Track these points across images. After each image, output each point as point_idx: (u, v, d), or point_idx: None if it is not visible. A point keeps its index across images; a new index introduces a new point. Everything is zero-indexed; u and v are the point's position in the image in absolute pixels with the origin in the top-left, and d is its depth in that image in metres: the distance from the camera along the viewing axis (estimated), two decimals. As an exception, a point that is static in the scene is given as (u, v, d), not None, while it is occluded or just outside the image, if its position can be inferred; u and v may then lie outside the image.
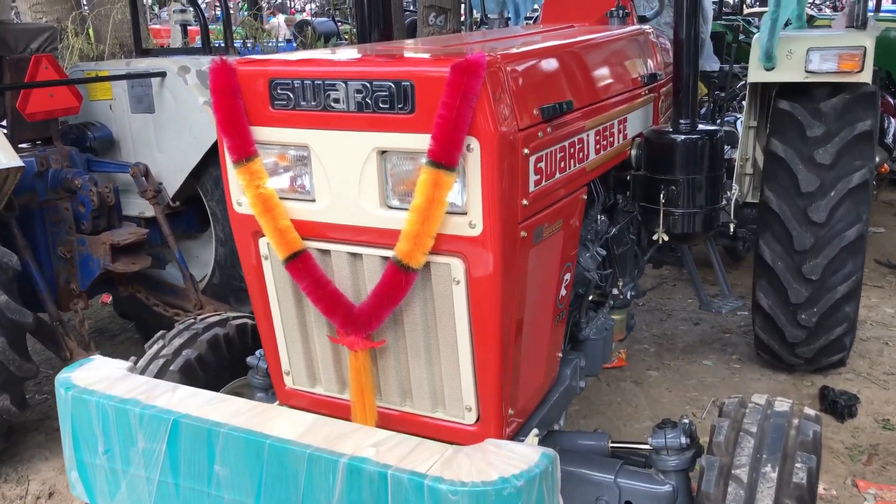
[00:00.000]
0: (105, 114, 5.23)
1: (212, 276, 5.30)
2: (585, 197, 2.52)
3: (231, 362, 3.08)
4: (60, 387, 2.02)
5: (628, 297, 3.47)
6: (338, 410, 2.43)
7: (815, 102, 4.36)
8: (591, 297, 3.06)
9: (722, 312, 4.24)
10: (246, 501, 1.79)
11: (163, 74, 4.87)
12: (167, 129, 4.98)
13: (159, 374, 2.80)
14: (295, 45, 7.87)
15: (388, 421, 2.31)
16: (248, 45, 7.20)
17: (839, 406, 4.52)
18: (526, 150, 2.04)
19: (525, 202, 2.07)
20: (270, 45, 7.39)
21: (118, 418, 1.92)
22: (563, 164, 2.30)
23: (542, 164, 2.15)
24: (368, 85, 1.98)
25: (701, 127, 2.89)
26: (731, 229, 3.19)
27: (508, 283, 2.06)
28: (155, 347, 2.98)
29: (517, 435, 2.35)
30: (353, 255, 2.19)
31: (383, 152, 2.04)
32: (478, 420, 2.22)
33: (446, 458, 1.65)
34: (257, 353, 3.00)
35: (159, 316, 5.04)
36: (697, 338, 5.66)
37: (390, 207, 2.09)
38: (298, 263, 2.18)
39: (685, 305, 6.26)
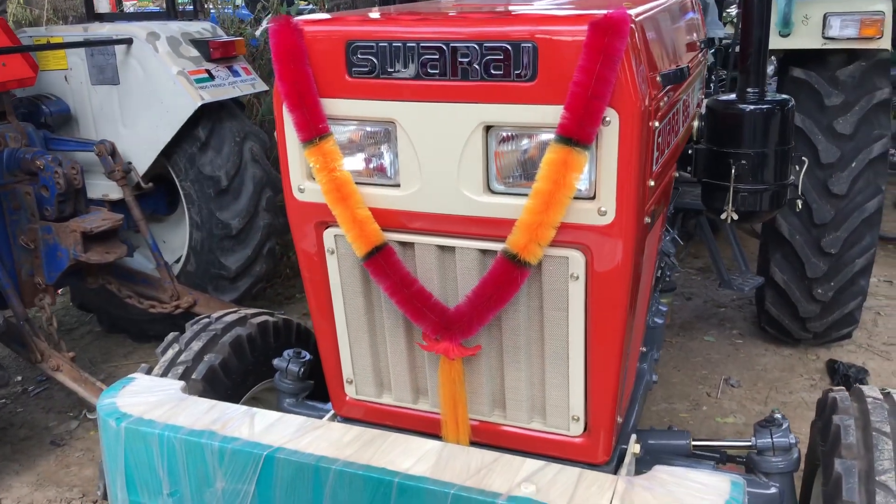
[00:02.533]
0: (59, 86, 4.69)
1: (186, 263, 4.87)
2: (678, 174, 2.27)
3: (255, 365, 2.74)
4: (108, 417, 1.65)
5: (669, 277, 3.26)
6: (409, 422, 2.14)
7: (831, 70, 4.21)
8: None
9: (745, 290, 4.09)
10: (365, 550, 1.48)
11: (129, 41, 4.37)
12: (134, 103, 4.50)
13: (181, 385, 2.44)
14: (252, 12, 7.33)
15: (477, 434, 2.03)
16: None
17: (851, 380, 4.46)
18: (656, 123, 1.76)
19: (651, 183, 1.80)
20: (227, 11, 6.85)
21: (190, 454, 1.58)
22: (669, 139, 2.04)
23: (660, 139, 1.89)
24: (477, 48, 1.67)
25: (770, 96, 2.67)
26: (799, 206, 3.00)
27: (634, 277, 1.79)
28: (170, 353, 2.61)
29: (618, 443, 2.11)
30: (443, 248, 1.89)
31: (489, 128, 1.74)
32: (585, 430, 1.96)
33: (621, 493, 1.39)
34: (285, 354, 2.67)
35: (130, 307, 4.60)
36: (693, 313, 5.55)
37: (494, 193, 1.80)
38: (380, 260, 1.86)
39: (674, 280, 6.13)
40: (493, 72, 1.67)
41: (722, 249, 4.39)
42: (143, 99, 4.45)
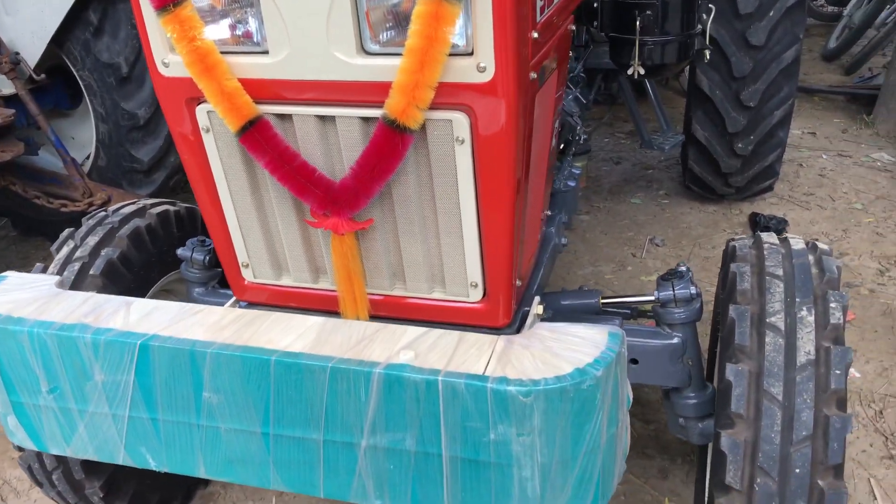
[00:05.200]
0: (-74, -28, 4.27)
1: (96, 159, 4.64)
2: (574, 28, 2.17)
3: (158, 257, 2.65)
4: (-26, 319, 1.57)
5: (582, 140, 3.21)
6: (312, 301, 2.10)
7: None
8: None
9: (665, 150, 4.08)
10: (251, 429, 1.47)
11: (-5, -85, 3.96)
12: (13, -14, 4.13)
13: (77, 281, 2.35)
14: None
15: (378, 308, 2.00)
16: None
17: (772, 231, 4.56)
18: (535, -31, 1.65)
19: (535, 34, 1.70)
20: None
21: (64, 349, 1.51)
22: (558, -12, 1.93)
23: (545, -12, 1.78)
24: None
25: (674, -60, 2.55)
26: (707, 56, 2.93)
27: (521, 137, 1.73)
28: (65, 250, 2.49)
29: (521, 306, 2.11)
30: (323, 118, 1.79)
31: (357, -19, 1.60)
32: (484, 296, 1.95)
33: (500, 352, 1.38)
34: (189, 243, 2.59)
35: (41, 208, 4.41)
36: (621, 177, 5.57)
37: (370, 54, 1.68)
38: (255, 134, 1.76)
39: (602, 145, 6.12)
40: (353, -83, 1.53)
41: (647, 111, 4.35)
42: (21, -19, 4.08)
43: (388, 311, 2.02)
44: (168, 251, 2.65)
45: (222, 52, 1.73)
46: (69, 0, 4.04)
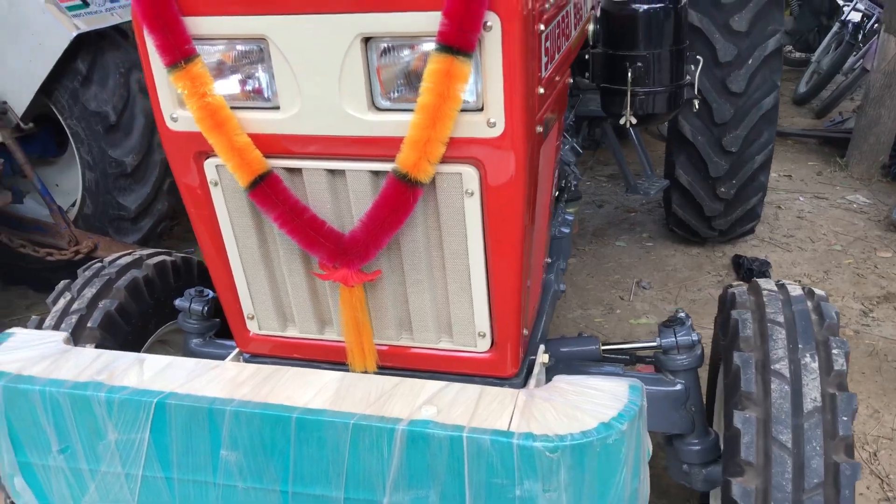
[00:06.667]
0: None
1: (82, 206, 4.61)
2: (571, 80, 2.22)
3: (156, 308, 2.63)
4: (-17, 378, 1.54)
5: (574, 187, 3.26)
6: (317, 353, 2.10)
7: (725, -33, 4.19)
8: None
9: (650, 194, 4.15)
10: (269, 487, 1.45)
11: (-15, -34, 3.99)
12: (1, 37, 4.13)
13: (75, 335, 2.32)
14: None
15: (385, 359, 2.00)
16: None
17: (754, 273, 4.64)
18: (542, 27, 1.69)
19: (541, 90, 1.74)
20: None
21: (77, 408, 1.49)
22: (559, 43, 1.98)
23: (549, 44, 1.82)
24: (346, -49, 1.55)
25: (663, -5, 2.63)
26: (696, 106, 3.01)
27: (529, 188, 1.76)
28: (62, 302, 2.47)
29: (526, 354, 2.12)
30: (332, 172, 1.80)
31: (368, 39, 1.64)
32: (492, 346, 1.96)
33: (522, 406, 1.38)
34: (186, 293, 2.57)
35: (25, 257, 4.36)
36: (605, 220, 5.64)
37: (380, 110, 1.71)
38: (265, 189, 1.77)
39: (585, 188, 6.19)
40: (366, -23, 1.56)
41: (628, 155, 4.42)
42: (9, 32, 4.09)
43: (395, 362, 2.02)
44: (165, 302, 2.63)
45: (232, 108, 1.75)
46: (59, 50, 4.06)
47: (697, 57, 2.93)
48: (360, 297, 1.87)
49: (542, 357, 2.12)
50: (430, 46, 1.59)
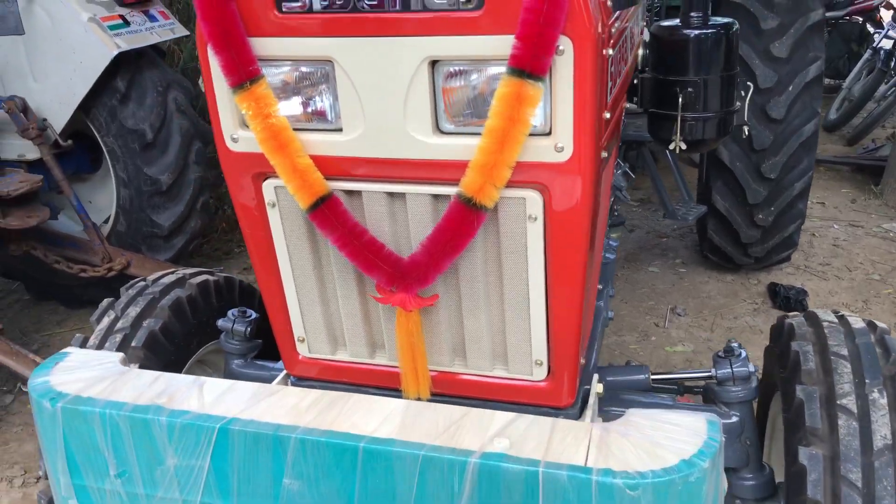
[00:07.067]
0: (-46, 38, 4.33)
1: (116, 223, 4.64)
2: (628, 104, 2.20)
3: (198, 328, 2.61)
4: (42, 398, 1.52)
5: (618, 213, 3.23)
6: (367, 377, 2.06)
7: (765, -7, 4.18)
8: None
9: (688, 220, 4.10)
10: (332, 519, 1.41)
11: (31, -14, 4.04)
12: (43, 54, 4.18)
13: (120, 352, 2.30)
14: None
15: (438, 385, 1.96)
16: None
17: (791, 302, 4.57)
18: (609, 51, 1.67)
19: (607, 115, 1.72)
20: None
21: (137, 432, 1.46)
22: (620, 68, 1.96)
23: (613, 68, 1.80)
24: (418, -25, 1.53)
25: (714, 20, 2.60)
26: (746, 132, 2.97)
27: (594, 215, 1.72)
28: (106, 320, 2.45)
29: (581, 384, 2.07)
30: (393, 195, 1.78)
31: (435, 63, 1.62)
32: (549, 374, 1.91)
33: (598, 441, 1.34)
34: (230, 314, 2.55)
35: (57, 273, 4.37)
36: (636, 245, 5.59)
37: (444, 133, 1.68)
38: (325, 211, 1.75)
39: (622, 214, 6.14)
40: (435, 0, 1.55)
41: (662, 179, 4.39)
42: (52, 50, 4.14)
43: (448, 389, 1.98)
44: (207, 322, 2.61)
45: (294, 129, 1.73)
46: (99, 68, 4.09)
47: (748, 83, 2.89)
48: (416, 321, 1.83)
49: (597, 387, 2.08)
50: (497, 70, 1.57)
